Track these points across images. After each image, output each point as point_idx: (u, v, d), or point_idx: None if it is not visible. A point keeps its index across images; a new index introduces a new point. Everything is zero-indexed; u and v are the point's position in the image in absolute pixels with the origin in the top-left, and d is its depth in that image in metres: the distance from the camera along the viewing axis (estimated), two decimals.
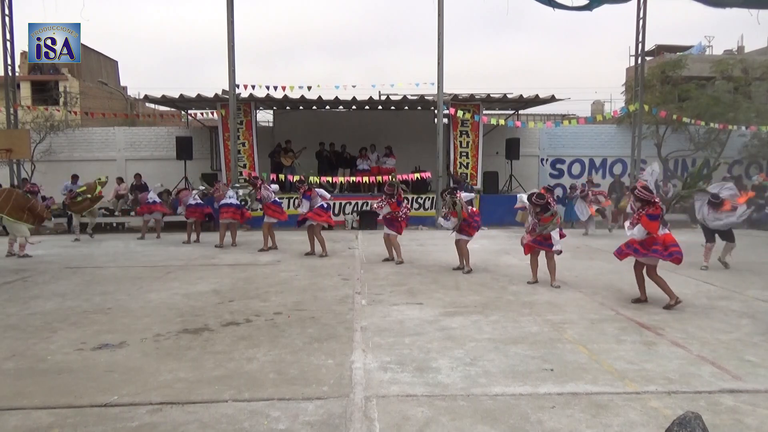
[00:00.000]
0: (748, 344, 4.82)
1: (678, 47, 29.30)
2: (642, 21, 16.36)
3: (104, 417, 3.39)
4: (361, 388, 3.80)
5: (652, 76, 19.22)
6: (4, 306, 6.36)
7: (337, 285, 7.42)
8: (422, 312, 5.93)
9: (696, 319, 5.63)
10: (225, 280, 7.77)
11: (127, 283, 7.62)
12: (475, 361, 4.36)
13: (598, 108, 30.90)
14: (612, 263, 7.90)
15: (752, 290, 7.08)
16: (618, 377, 4.02)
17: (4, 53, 15.28)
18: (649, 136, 18.13)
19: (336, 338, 4.98)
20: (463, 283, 7.57)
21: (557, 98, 16.64)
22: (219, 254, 10.45)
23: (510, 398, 3.65)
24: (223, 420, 3.34)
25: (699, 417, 2.75)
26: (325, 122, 18.50)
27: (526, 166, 18.60)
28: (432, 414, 3.41)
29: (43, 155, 17.37)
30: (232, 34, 14.50)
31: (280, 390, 3.78)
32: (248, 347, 4.72)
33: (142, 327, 5.38)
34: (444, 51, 14.94)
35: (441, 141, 15.42)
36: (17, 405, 3.56)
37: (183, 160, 16.65)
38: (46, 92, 27.38)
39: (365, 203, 15.53)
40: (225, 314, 5.86)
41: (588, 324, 5.45)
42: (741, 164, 18.82)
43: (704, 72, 20.98)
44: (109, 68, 33.16)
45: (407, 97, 17.11)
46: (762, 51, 24.88)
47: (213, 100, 16.04)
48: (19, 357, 4.53)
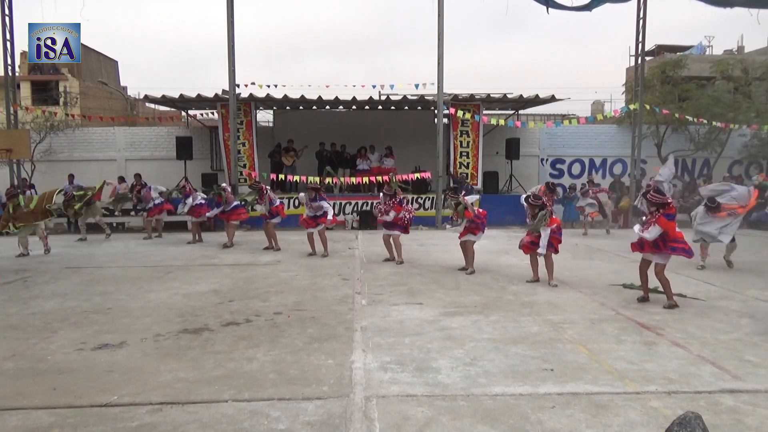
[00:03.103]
0: (748, 344, 4.82)
1: (678, 47, 29.29)
2: (642, 21, 16.35)
3: (104, 417, 3.39)
4: (361, 388, 3.80)
5: (652, 76, 19.21)
6: (4, 306, 6.36)
7: (337, 285, 7.42)
8: (422, 312, 5.93)
9: (696, 319, 5.64)
10: (225, 280, 7.77)
11: (127, 283, 7.62)
12: (475, 361, 4.36)
13: (598, 108, 30.87)
14: (612, 263, 7.91)
15: (752, 290, 7.08)
16: (618, 377, 4.02)
17: (4, 53, 15.26)
18: (649, 136, 18.13)
19: (336, 338, 4.98)
20: (463, 283, 7.57)
21: (557, 98, 16.65)
22: (219, 254, 10.45)
23: (510, 398, 3.65)
24: (223, 420, 3.34)
25: (699, 417, 2.75)
26: (325, 122, 18.50)
27: (526, 166, 18.59)
28: (432, 414, 3.41)
29: (43, 155, 17.36)
30: (232, 34, 14.50)
31: (280, 390, 3.78)
32: (248, 347, 4.72)
33: (142, 327, 5.38)
34: (444, 51, 14.94)
35: (441, 141, 15.42)
36: (17, 405, 3.56)
37: (183, 160, 16.65)
38: (46, 92, 27.37)
39: (365, 203, 15.54)
40: (225, 314, 5.86)
41: (588, 324, 5.45)
42: (741, 164, 18.81)
43: (704, 72, 20.96)
44: (109, 68, 33.16)
45: (407, 97, 17.10)
46: (762, 51, 24.86)
47: (213, 100, 16.04)
48: (19, 357, 4.53)
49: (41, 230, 10.47)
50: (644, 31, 16.41)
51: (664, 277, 6.23)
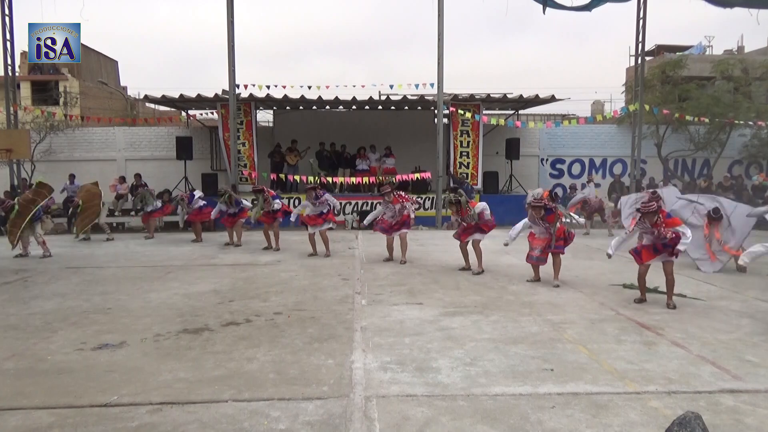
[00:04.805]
0: (748, 344, 4.82)
1: (678, 47, 29.29)
2: (642, 21, 16.35)
3: (104, 417, 3.39)
4: (361, 388, 3.80)
5: (652, 76, 19.21)
6: (4, 306, 6.36)
7: (337, 285, 7.42)
8: (422, 312, 5.93)
9: (696, 319, 5.64)
10: (225, 280, 7.77)
11: (127, 283, 7.62)
12: (475, 361, 4.36)
13: (598, 108, 30.87)
14: (612, 263, 7.90)
15: (752, 290, 7.09)
16: (618, 377, 4.02)
17: (4, 53, 15.27)
18: (649, 136, 18.13)
19: (336, 338, 4.98)
20: (463, 283, 7.56)
21: (557, 98, 16.64)
22: (219, 254, 10.45)
23: (510, 398, 3.65)
24: (223, 420, 3.34)
25: (699, 417, 2.75)
26: (325, 122, 18.49)
27: (526, 166, 18.59)
28: (432, 414, 3.41)
29: (43, 155, 17.34)
30: (233, 34, 14.50)
31: (280, 390, 3.78)
32: (248, 347, 4.72)
33: (142, 327, 5.38)
34: (445, 52, 14.96)
35: (441, 141, 15.42)
36: (17, 405, 3.56)
37: (183, 160, 16.65)
38: (46, 92, 27.35)
39: (365, 203, 15.54)
40: (225, 314, 5.86)
41: (588, 324, 5.45)
42: (741, 164, 18.81)
43: (704, 72, 20.98)
44: (109, 68, 33.14)
45: (407, 97, 17.10)
46: (762, 51, 24.89)
47: (213, 100, 16.04)
48: (19, 357, 4.53)
49: (38, 235, 10.28)
50: (644, 31, 16.42)
51: (672, 276, 6.20)
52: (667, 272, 6.22)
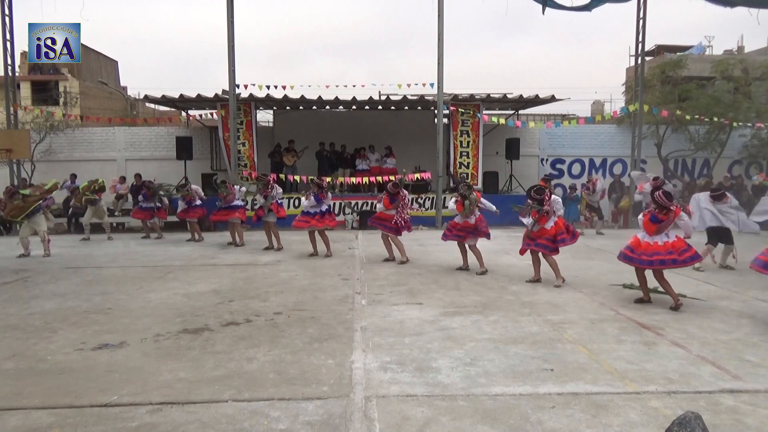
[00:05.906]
0: (748, 344, 4.82)
1: (678, 47, 29.29)
2: (642, 21, 16.35)
3: (104, 417, 3.39)
4: (361, 388, 3.80)
5: (652, 76, 19.21)
6: (4, 306, 6.36)
7: (337, 285, 7.42)
8: (422, 312, 5.93)
9: (696, 319, 5.64)
10: (225, 280, 7.77)
11: (127, 283, 7.62)
12: (475, 361, 4.36)
13: (598, 108, 30.88)
14: (612, 263, 7.89)
15: (752, 290, 7.09)
16: (618, 377, 4.02)
17: (4, 53, 15.26)
18: (649, 136, 18.13)
19: (336, 338, 4.98)
20: (463, 283, 7.57)
21: (557, 98, 16.65)
22: (219, 254, 10.45)
23: (510, 398, 3.65)
24: (223, 420, 3.34)
25: (699, 417, 2.75)
26: (325, 122, 18.50)
27: (526, 166, 18.59)
28: (432, 414, 3.41)
29: (43, 155, 17.35)
30: (233, 34, 14.50)
31: (280, 390, 3.78)
32: (248, 347, 4.72)
33: (142, 327, 5.38)
34: (445, 53, 14.97)
35: (441, 141, 15.42)
36: (17, 405, 3.56)
37: (183, 160, 16.65)
38: (46, 92, 27.36)
39: (365, 203, 15.54)
40: (225, 314, 5.86)
41: (588, 324, 5.45)
42: (741, 164, 18.81)
43: (704, 72, 20.97)
44: (109, 68, 33.15)
45: (407, 97, 17.11)
46: (762, 51, 24.89)
47: (213, 100, 16.04)
48: (19, 357, 4.53)
49: (43, 232, 10.37)
50: (644, 31, 16.42)
51: (665, 281, 6.16)
52: (660, 279, 6.23)
